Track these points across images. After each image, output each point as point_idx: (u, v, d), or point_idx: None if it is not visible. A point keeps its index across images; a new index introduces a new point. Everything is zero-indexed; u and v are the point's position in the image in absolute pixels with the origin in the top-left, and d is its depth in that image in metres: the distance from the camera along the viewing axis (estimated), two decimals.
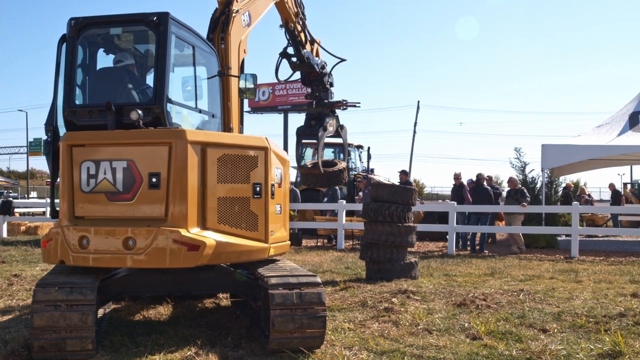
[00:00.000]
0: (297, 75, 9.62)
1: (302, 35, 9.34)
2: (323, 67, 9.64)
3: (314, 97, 9.76)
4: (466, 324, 6.44)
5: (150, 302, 7.59)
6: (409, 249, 10.94)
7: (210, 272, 6.11)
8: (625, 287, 8.93)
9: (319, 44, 9.87)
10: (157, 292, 6.76)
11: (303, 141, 9.57)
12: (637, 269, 11.26)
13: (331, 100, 9.75)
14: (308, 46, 9.54)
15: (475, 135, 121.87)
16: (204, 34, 6.77)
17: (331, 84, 9.88)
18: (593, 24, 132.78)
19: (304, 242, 17.26)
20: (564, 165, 17.19)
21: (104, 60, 6.20)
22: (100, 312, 6.56)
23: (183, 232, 5.23)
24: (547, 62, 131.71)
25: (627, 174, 42.66)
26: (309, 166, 9.75)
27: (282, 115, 38.61)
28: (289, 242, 6.63)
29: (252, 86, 6.49)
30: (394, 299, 7.71)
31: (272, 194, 5.97)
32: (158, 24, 5.70)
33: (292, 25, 9.02)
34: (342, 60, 9.87)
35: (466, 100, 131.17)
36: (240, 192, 5.70)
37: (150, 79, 6.01)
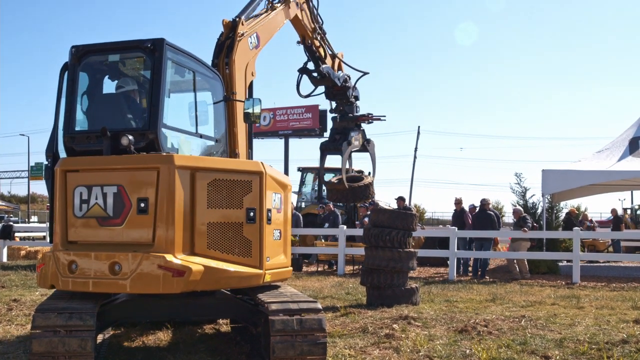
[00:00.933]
0: (320, 90, 9.44)
1: (321, 50, 9.21)
2: (346, 81, 9.47)
3: (338, 111, 9.60)
4: (467, 351, 6.39)
5: (150, 328, 7.55)
6: (410, 275, 10.89)
7: (210, 298, 6.08)
8: (628, 314, 8.88)
9: (340, 59, 9.74)
10: (157, 318, 6.73)
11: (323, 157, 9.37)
12: (639, 295, 11.19)
13: (356, 114, 9.57)
14: (329, 61, 9.39)
15: (476, 160, 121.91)
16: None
17: (356, 98, 9.70)
18: (593, 48, 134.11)
19: (305, 267, 17.19)
20: (564, 190, 17.18)
21: (108, 86, 6.26)
22: (100, 337, 6.53)
23: (168, 257, 5.20)
24: (547, 87, 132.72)
25: (627, 199, 42.55)
26: (335, 182, 9.61)
27: (282, 140, 38.78)
28: (290, 269, 6.57)
29: (257, 111, 6.45)
30: (394, 325, 7.66)
31: (269, 220, 5.92)
32: (153, 50, 5.76)
33: (310, 41, 8.95)
34: (365, 73, 9.71)
35: (466, 126, 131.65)
36: (232, 217, 5.66)
37: None
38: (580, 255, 14.40)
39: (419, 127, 48.78)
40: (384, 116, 9.85)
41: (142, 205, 5.32)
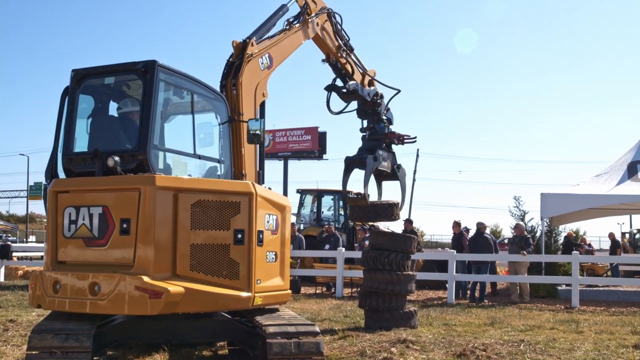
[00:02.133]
0: (351, 106, 9.32)
1: (348, 67, 9.11)
2: (376, 95, 9.33)
3: (368, 129, 9.44)
4: None
5: (147, 349, 7.48)
6: (408, 298, 10.84)
7: (208, 320, 6.05)
8: (627, 338, 8.83)
9: (372, 77, 9.63)
10: (154, 339, 6.69)
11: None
12: (638, 319, 11.14)
13: (386, 132, 9.40)
14: (358, 77, 9.26)
15: (475, 183, 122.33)
16: None
17: (390, 121, 9.55)
18: (592, 71, 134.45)
19: (303, 289, 17.12)
20: (563, 214, 17.19)
21: (112, 108, 6.31)
22: (95, 359, 6.48)
23: (146, 279, 5.18)
24: (545, 110, 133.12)
25: (626, 223, 42.51)
26: (355, 196, 9.37)
27: (282, 161, 38.78)
28: (288, 292, 6.51)
29: (259, 132, 6.36)
30: (392, 349, 7.61)
31: (260, 241, 5.88)
32: (145, 72, 5.80)
33: (334, 58, 8.89)
34: (398, 91, 9.59)
35: (465, 149, 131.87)
36: (218, 238, 5.63)
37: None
38: (580, 279, 14.36)
39: (417, 149, 48.70)
40: (415, 137, 9.65)
41: (125, 226, 5.35)
